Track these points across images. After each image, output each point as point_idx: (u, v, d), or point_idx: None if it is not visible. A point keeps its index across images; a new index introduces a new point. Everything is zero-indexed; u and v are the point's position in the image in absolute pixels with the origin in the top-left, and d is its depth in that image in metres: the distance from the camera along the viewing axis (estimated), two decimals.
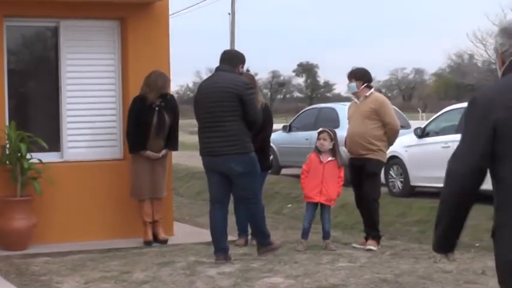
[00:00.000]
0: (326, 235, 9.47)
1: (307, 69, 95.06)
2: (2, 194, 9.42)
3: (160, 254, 9.04)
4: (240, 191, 8.46)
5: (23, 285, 7.65)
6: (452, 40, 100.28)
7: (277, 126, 18.52)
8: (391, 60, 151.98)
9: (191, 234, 10.66)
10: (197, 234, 10.73)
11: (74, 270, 8.20)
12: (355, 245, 9.63)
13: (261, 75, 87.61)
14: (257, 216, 8.60)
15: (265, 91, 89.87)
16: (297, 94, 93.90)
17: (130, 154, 9.79)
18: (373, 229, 9.53)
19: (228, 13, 41.49)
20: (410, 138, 14.89)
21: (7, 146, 9.47)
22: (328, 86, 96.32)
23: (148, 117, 9.61)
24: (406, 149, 14.82)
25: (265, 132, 9.43)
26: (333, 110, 18.03)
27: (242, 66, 8.71)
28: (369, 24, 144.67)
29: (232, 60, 8.57)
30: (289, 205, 14.90)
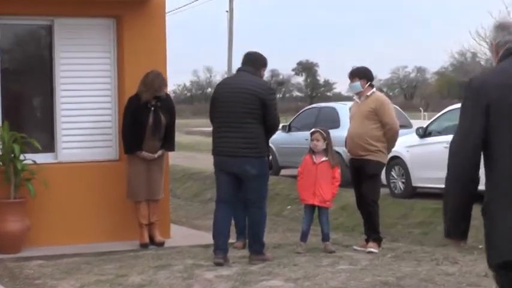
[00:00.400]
0: (325, 237, 9.43)
1: (306, 68, 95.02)
2: None
3: (156, 257, 8.97)
4: (249, 193, 8.46)
5: None
6: (455, 38, 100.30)
7: None
8: (392, 58, 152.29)
9: (188, 237, 10.60)
10: (194, 236, 10.69)
11: (68, 273, 8.13)
12: (356, 247, 9.58)
13: None
14: (259, 223, 8.59)
15: None
16: (296, 93, 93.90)
17: (126, 155, 9.68)
18: (374, 231, 9.47)
19: (226, 11, 41.26)
20: (412, 138, 14.83)
21: (0, 147, 9.36)
22: (328, 85, 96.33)
23: (144, 117, 9.52)
24: (408, 149, 14.74)
25: None
26: (333, 109, 18.00)
27: (264, 70, 8.77)
28: (370, 22, 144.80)
29: (255, 62, 8.62)
30: (289, 206, 14.92)
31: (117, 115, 10.09)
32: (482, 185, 4.03)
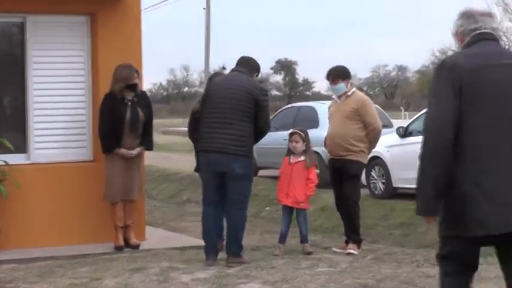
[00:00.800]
0: (303, 239, 9.35)
1: (285, 66, 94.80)
2: None
3: (131, 259, 8.88)
4: (233, 194, 8.42)
5: None
6: (436, 36, 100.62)
7: None
8: (372, 56, 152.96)
9: (164, 239, 10.51)
10: (170, 238, 10.61)
11: (41, 277, 8.04)
12: (335, 249, 9.52)
13: None
14: (240, 224, 8.54)
15: None
16: (275, 92, 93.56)
17: (104, 154, 9.56)
18: (354, 232, 9.40)
19: (203, 8, 40.93)
20: (393, 138, 14.82)
21: None
22: (307, 83, 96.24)
23: (121, 112, 9.41)
24: (388, 149, 14.72)
25: None
26: (312, 108, 17.98)
27: (257, 75, 8.92)
28: (349, 20, 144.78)
29: (249, 65, 8.76)
30: (267, 208, 14.92)
31: (91, 114, 9.95)
32: None
